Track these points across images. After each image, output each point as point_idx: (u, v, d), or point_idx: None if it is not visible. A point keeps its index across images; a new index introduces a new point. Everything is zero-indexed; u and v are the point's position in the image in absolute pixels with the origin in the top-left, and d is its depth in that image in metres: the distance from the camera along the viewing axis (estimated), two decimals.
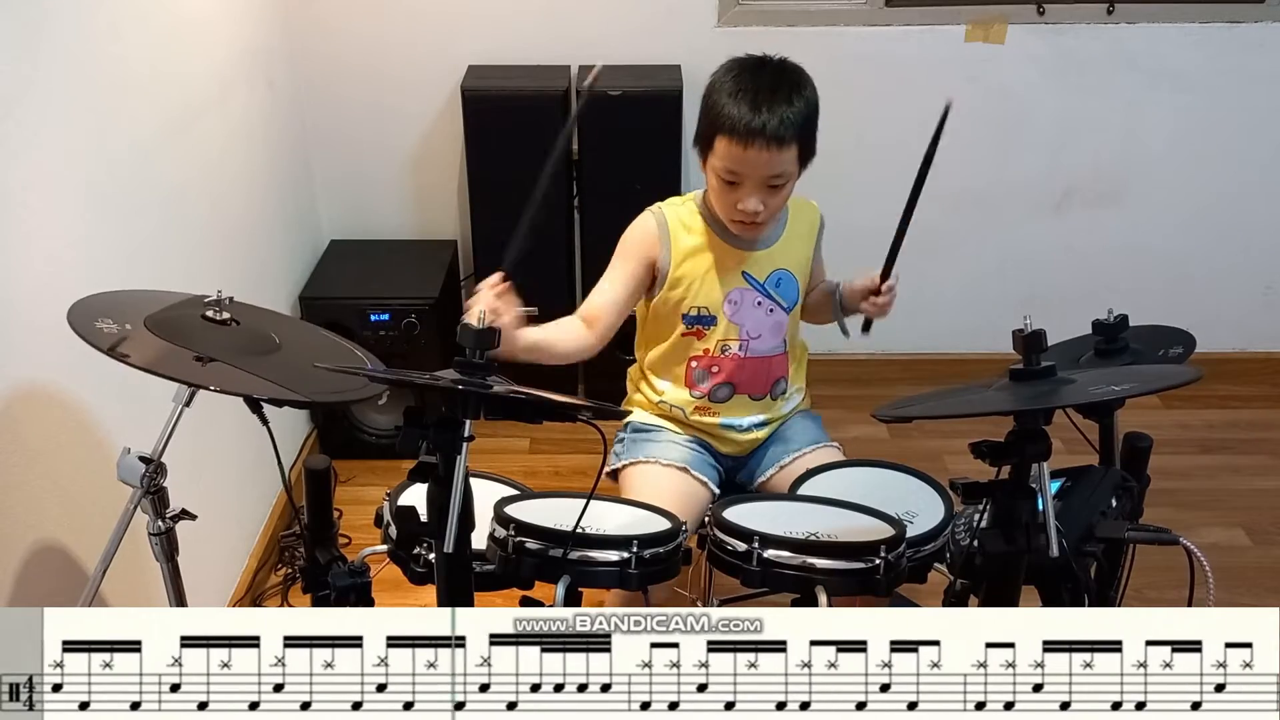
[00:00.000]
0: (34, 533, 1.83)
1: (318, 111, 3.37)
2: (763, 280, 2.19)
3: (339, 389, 1.76)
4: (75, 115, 1.97)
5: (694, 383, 2.22)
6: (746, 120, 1.97)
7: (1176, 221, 3.60)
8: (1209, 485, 3.23)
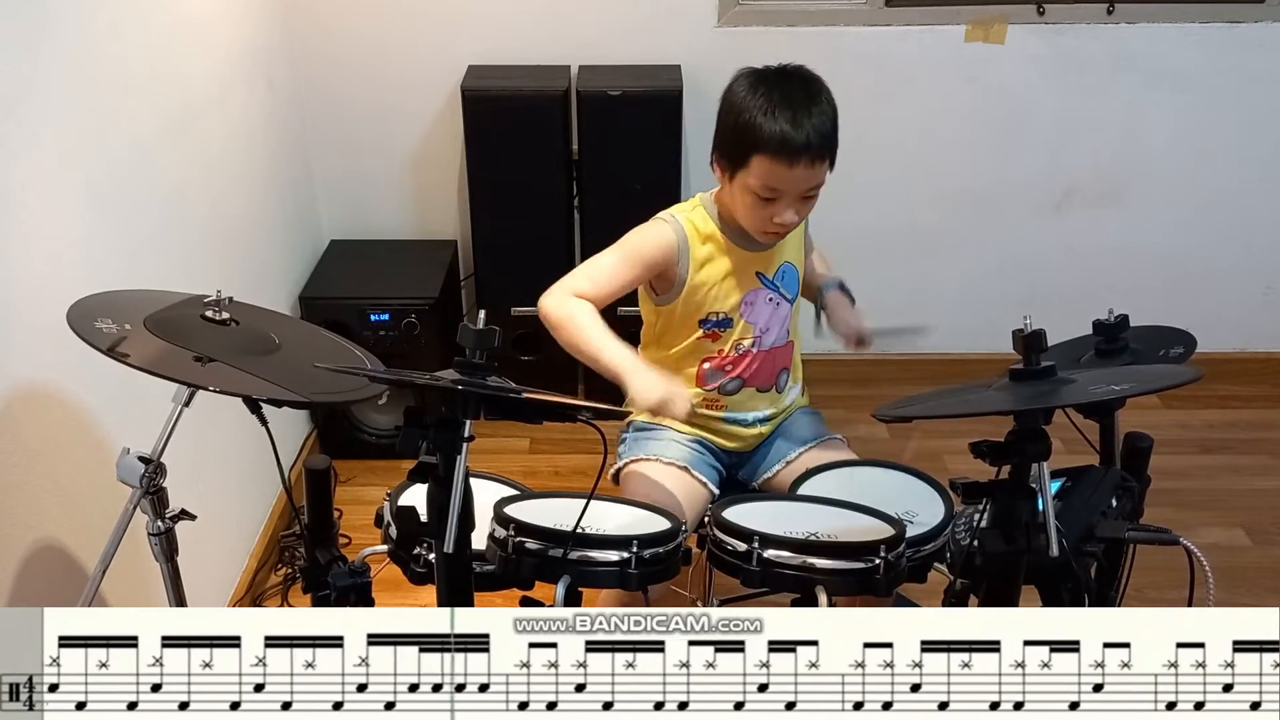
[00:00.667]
0: (34, 533, 1.83)
1: (318, 111, 3.37)
2: (772, 276, 2.19)
3: (339, 389, 1.76)
4: (75, 115, 1.97)
5: (705, 381, 2.22)
6: (791, 139, 1.95)
7: (1176, 221, 3.60)
8: (1209, 485, 3.23)
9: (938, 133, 3.49)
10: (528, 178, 3.28)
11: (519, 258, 3.36)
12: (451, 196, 3.53)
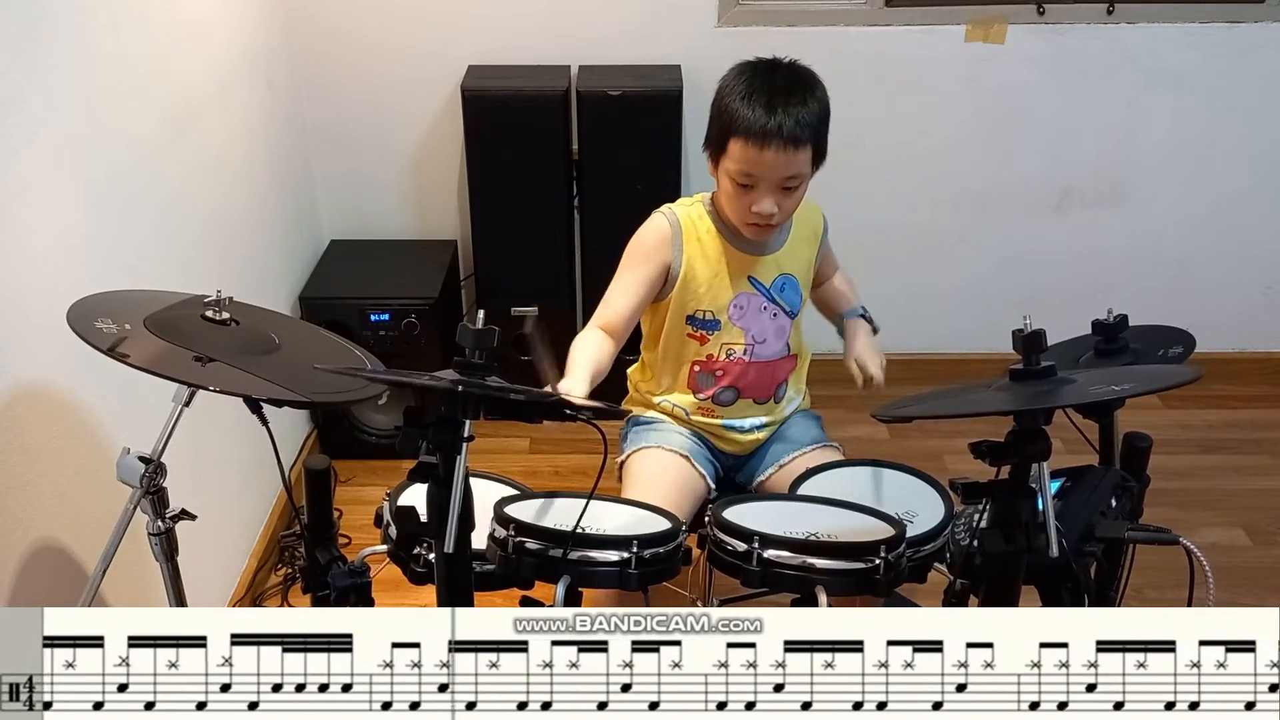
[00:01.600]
0: (34, 533, 1.83)
1: (318, 111, 3.37)
2: (769, 285, 2.19)
3: (339, 389, 1.76)
4: (75, 115, 1.97)
5: (697, 386, 2.22)
6: (762, 122, 1.97)
7: (1176, 221, 3.60)
8: (1209, 485, 3.23)
9: (938, 133, 3.49)
10: (528, 178, 3.28)
11: (519, 258, 3.36)
12: (451, 196, 3.53)
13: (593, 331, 2.10)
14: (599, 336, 2.09)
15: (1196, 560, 1.66)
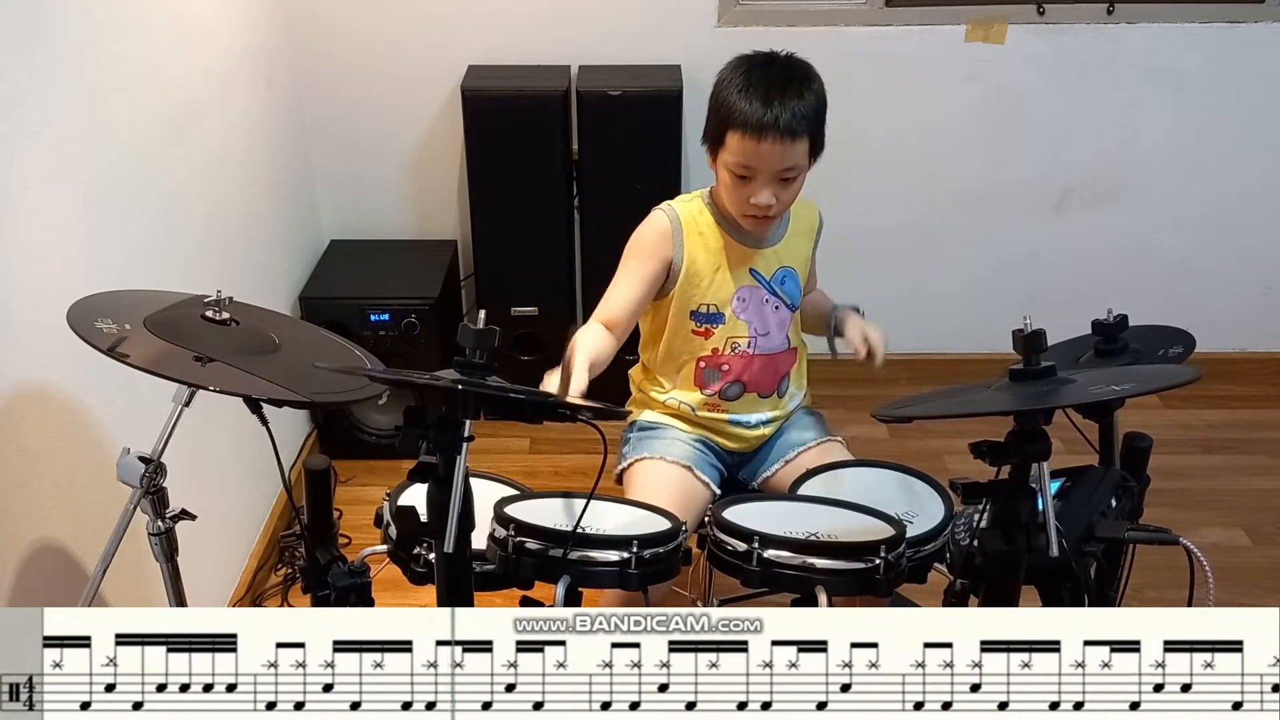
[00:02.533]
0: (34, 533, 1.83)
1: (318, 111, 3.37)
2: (769, 277, 2.19)
3: (339, 389, 1.76)
4: (75, 115, 1.97)
5: (704, 382, 2.22)
6: (759, 114, 1.97)
7: (1176, 221, 3.60)
8: (1209, 485, 3.23)
9: (938, 133, 3.49)
10: (528, 178, 3.28)
11: (519, 258, 3.36)
12: (451, 196, 3.53)
13: (594, 325, 2.10)
14: (600, 331, 2.08)
15: (1196, 560, 1.66)
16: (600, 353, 2.01)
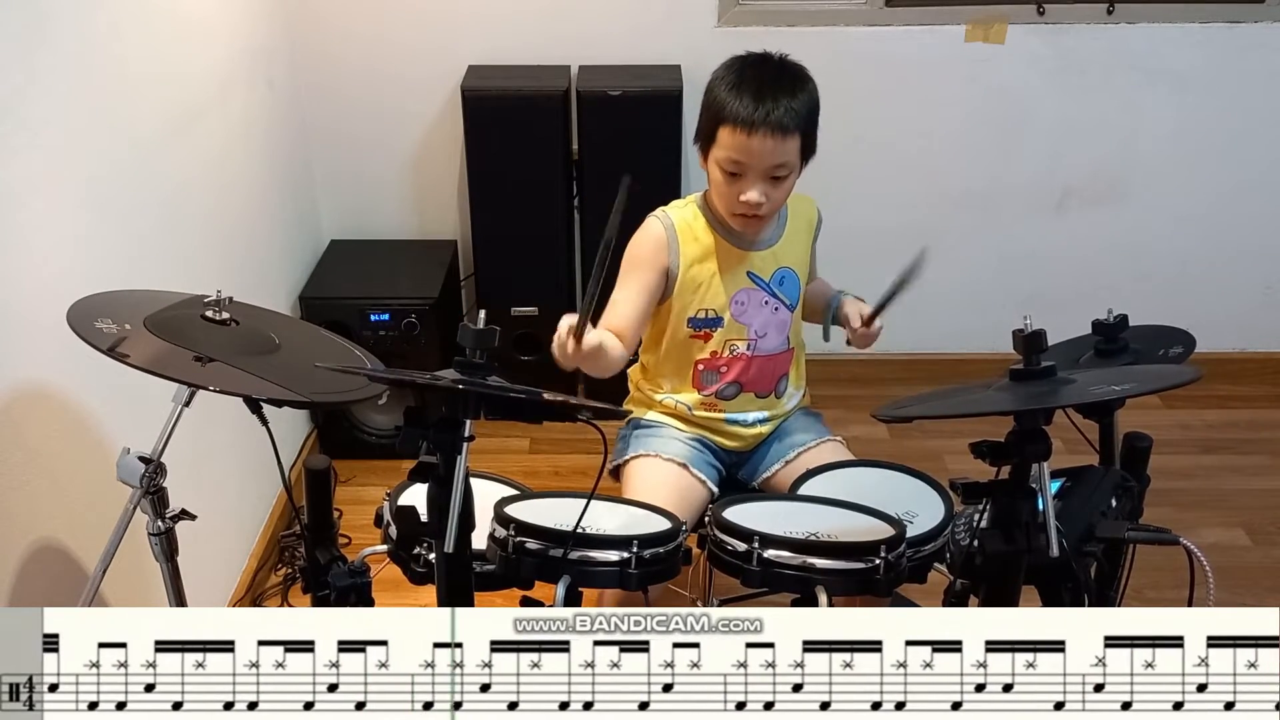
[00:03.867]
0: (34, 533, 1.83)
1: (318, 111, 3.37)
2: (767, 279, 2.19)
3: (339, 389, 1.76)
4: (75, 115, 1.97)
5: (702, 384, 2.22)
6: (750, 109, 1.98)
7: (1176, 221, 3.60)
8: (1209, 485, 3.23)
9: (938, 133, 3.49)
10: (528, 178, 3.28)
11: (519, 258, 3.36)
12: (451, 196, 3.53)
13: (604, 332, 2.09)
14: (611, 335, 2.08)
15: (1196, 560, 1.66)
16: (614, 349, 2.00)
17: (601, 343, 1.94)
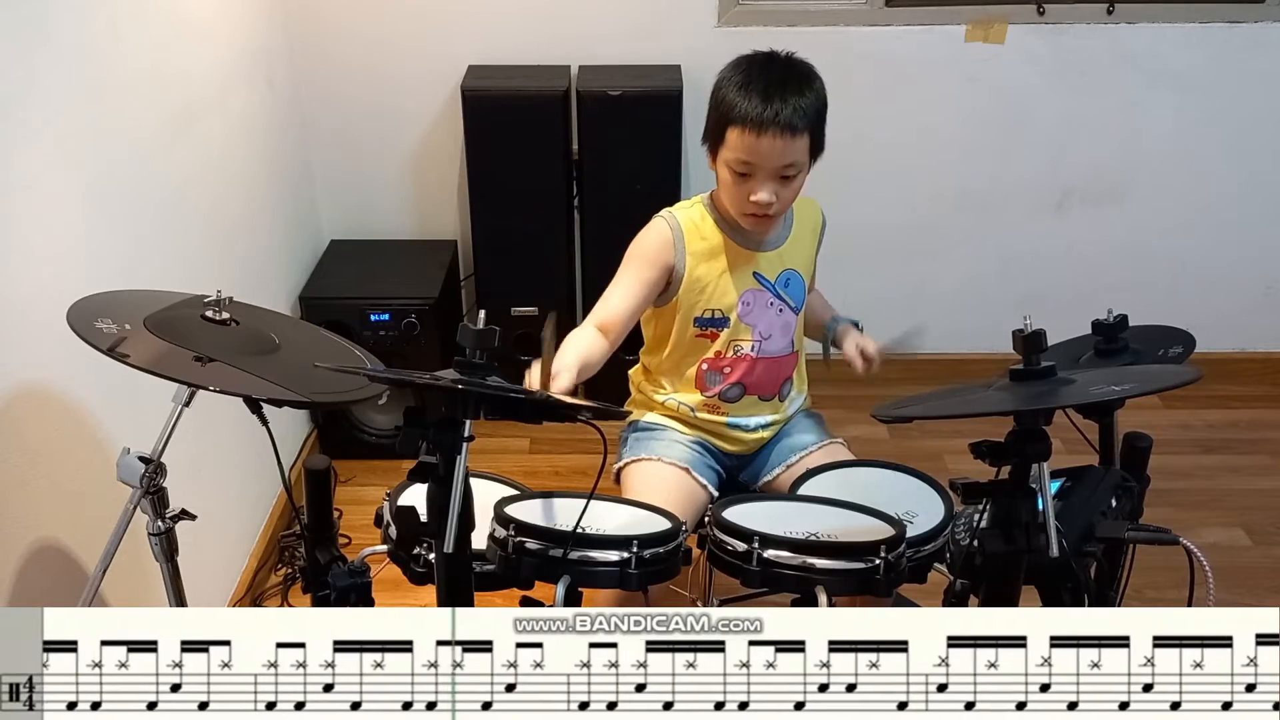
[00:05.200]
0: (34, 533, 1.83)
1: (318, 111, 3.37)
2: (773, 280, 2.19)
3: (339, 389, 1.76)
4: (75, 115, 1.97)
5: (705, 385, 2.22)
6: (759, 110, 1.98)
7: (1176, 221, 3.60)
8: (1209, 485, 3.23)
9: (938, 132, 3.49)
10: (528, 178, 3.28)
11: (519, 258, 3.36)
12: (451, 196, 3.53)
13: (588, 329, 2.10)
14: (593, 334, 2.08)
15: (1196, 560, 1.66)
16: (591, 358, 2.01)
17: (582, 369, 1.96)
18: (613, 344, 2.11)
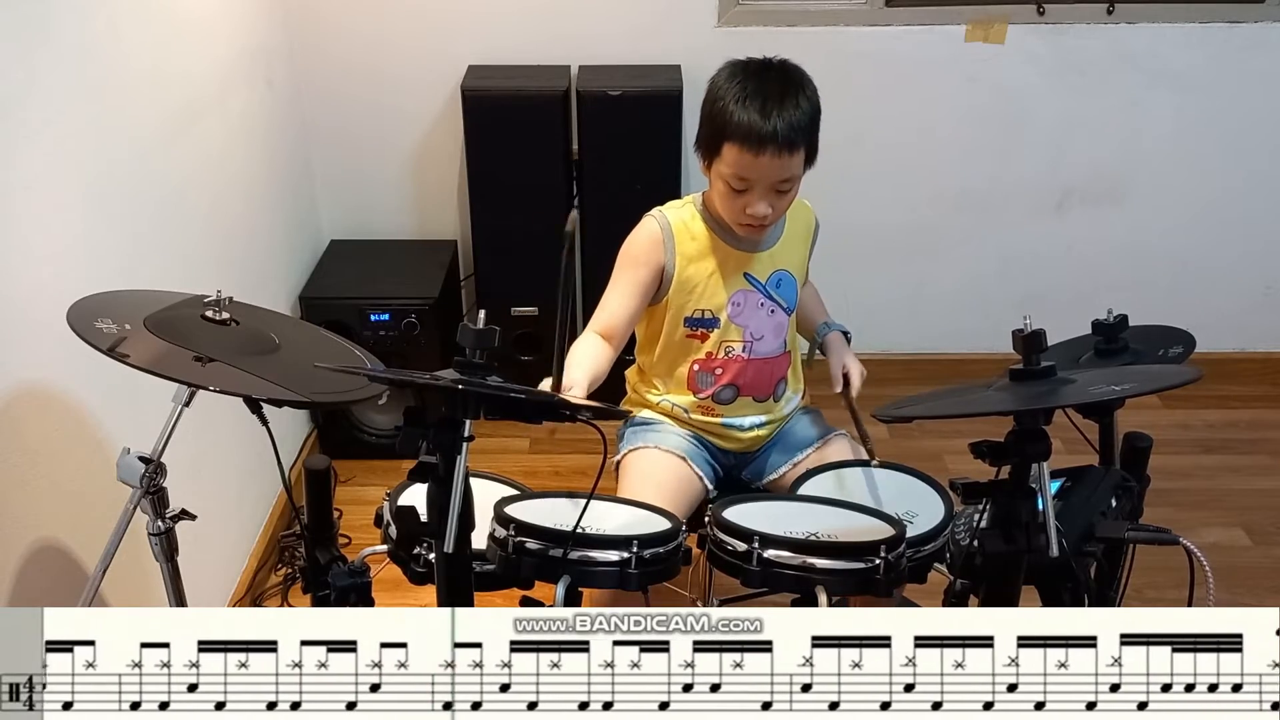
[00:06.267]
0: (34, 533, 1.83)
1: (318, 111, 3.37)
2: (764, 281, 2.19)
3: (339, 389, 1.76)
4: (75, 115, 1.97)
5: (697, 385, 2.22)
6: (758, 128, 1.96)
7: (1176, 221, 3.60)
8: (1209, 485, 3.23)
9: (938, 132, 3.49)
10: (528, 178, 3.28)
11: (519, 258, 3.36)
12: (451, 196, 3.53)
13: (591, 336, 2.10)
14: (597, 341, 2.09)
15: (1196, 560, 1.66)
16: (598, 368, 2.02)
17: (593, 383, 1.97)
18: (616, 348, 2.11)
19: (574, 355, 2.03)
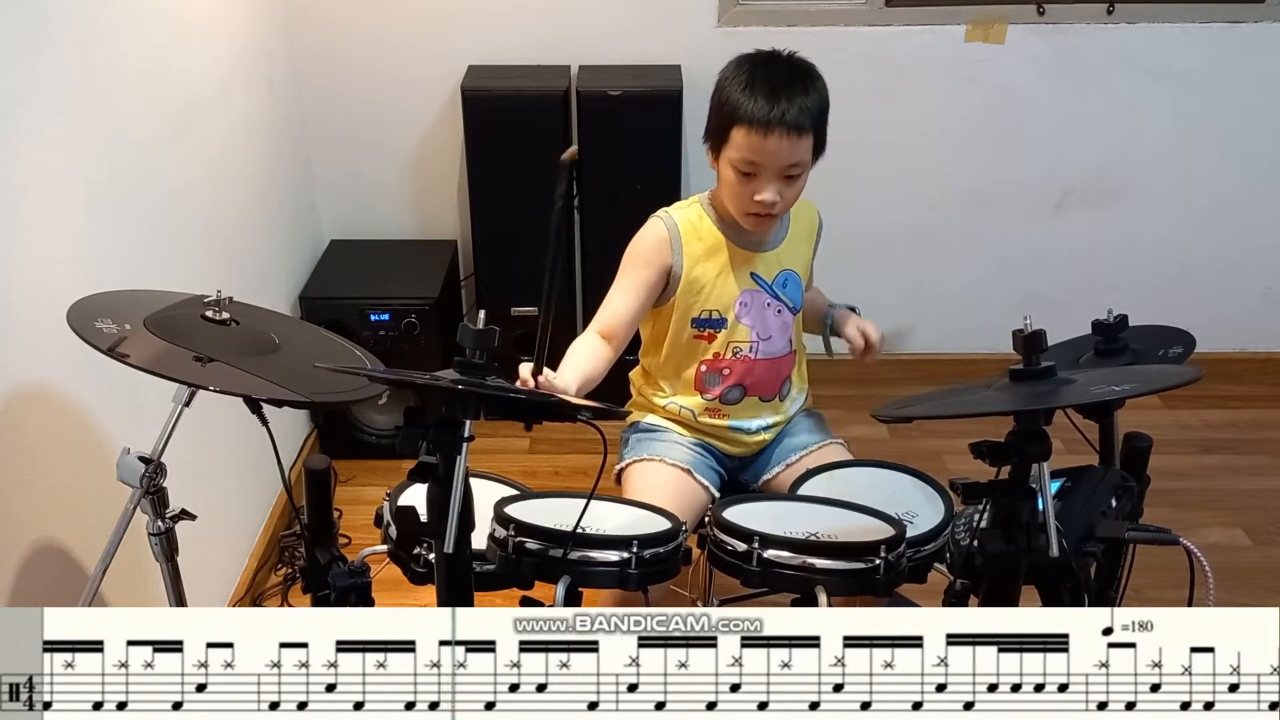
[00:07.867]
0: (34, 533, 1.83)
1: (318, 111, 3.37)
2: (770, 281, 2.19)
3: (339, 389, 1.76)
4: (75, 115, 1.97)
5: (705, 386, 2.22)
6: (766, 109, 1.98)
7: (1176, 221, 3.60)
8: (1209, 485, 3.23)
9: (938, 133, 3.49)
10: (528, 178, 3.28)
11: (519, 258, 3.35)
12: (451, 196, 3.53)
13: (591, 336, 2.10)
14: (596, 342, 2.09)
15: (1196, 560, 1.66)
16: (593, 371, 2.02)
17: (585, 383, 1.98)
18: (617, 349, 2.11)
19: (571, 354, 2.03)
